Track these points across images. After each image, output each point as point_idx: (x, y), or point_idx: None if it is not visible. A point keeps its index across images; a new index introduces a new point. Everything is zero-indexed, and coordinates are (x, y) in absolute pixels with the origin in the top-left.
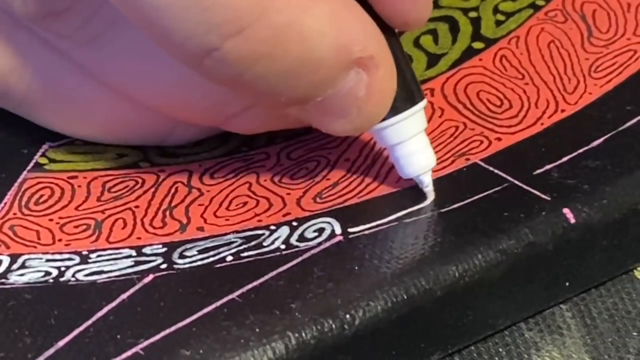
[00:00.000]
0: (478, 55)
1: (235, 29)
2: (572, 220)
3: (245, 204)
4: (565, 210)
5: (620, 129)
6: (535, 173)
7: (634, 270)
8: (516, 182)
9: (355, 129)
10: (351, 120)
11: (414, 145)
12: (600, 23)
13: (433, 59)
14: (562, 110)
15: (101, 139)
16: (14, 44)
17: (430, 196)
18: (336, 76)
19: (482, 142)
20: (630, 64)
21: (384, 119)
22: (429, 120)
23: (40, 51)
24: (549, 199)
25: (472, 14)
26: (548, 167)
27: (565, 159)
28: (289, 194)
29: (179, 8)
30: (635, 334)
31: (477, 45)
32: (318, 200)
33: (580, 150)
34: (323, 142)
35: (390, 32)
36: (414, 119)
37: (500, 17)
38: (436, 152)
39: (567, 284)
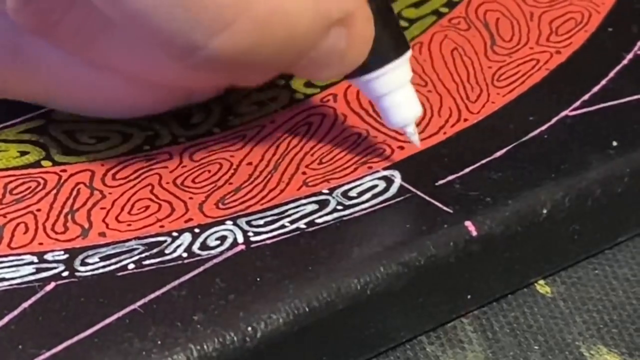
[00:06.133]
0: None
1: (221, 26)
2: (474, 233)
3: (147, 208)
4: (467, 223)
5: (523, 139)
6: (437, 184)
7: (536, 284)
8: (419, 192)
9: (339, 74)
10: (334, 68)
11: (400, 96)
12: (503, 31)
13: None
14: (465, 120)
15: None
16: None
17: (417, 144)
18: (318, 41)
19: (384, 150)
20: (533, 73)
21: (370, 71)
22: (332, 126)
23: None
24: (451, 211)
25: None
26: (450, 178)
27: (467, 170)
28: (191, 198)
29: (163, 6)
30: (536, 347)
31: None
32: (220, 206)
33: (483, 161)
34: (225, 144)
35: None
36: (400, 71)
37: (404, 24)
38: (339, 159)
39: (468, 297)
